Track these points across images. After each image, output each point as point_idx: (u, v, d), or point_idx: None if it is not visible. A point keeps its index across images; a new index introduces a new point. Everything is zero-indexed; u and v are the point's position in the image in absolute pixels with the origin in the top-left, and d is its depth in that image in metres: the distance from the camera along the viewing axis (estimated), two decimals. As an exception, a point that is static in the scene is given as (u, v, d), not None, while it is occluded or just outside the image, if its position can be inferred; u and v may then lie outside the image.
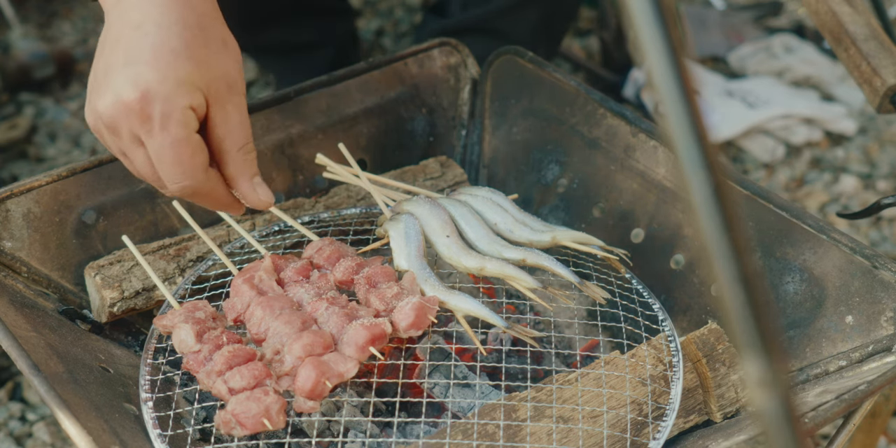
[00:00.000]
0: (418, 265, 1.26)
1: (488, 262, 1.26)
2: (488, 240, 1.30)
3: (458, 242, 1.29)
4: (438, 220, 1.30)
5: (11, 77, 2.80)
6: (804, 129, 2.64)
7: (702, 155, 0.60)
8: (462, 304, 1.22)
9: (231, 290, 1.26)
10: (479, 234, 1.31)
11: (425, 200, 1.34)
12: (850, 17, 1.45)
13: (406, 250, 1.27)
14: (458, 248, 1.28)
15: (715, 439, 1.18)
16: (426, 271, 1.26)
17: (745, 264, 0.61)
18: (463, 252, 1.28)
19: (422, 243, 1.29)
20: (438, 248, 1.29)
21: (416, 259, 1.27)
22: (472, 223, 1.32)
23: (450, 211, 1.33)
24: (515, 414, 1.16)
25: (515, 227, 1.33)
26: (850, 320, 1.28)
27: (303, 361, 1.13)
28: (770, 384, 0.63)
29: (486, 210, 1.35)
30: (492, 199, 1.37)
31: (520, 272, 1.25)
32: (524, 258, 1.27)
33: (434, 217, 1.31)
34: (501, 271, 1.25)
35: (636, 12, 0.59)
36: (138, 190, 1.47)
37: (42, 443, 1.91)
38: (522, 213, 1.37)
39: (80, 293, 1.40)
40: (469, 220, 1.32)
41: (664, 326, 1.31)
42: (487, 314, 1.21)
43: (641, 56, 0.60)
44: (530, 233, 1.32)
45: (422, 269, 1.26)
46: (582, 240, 1.32)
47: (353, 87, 1.62)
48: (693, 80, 0.60)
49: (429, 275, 1.25)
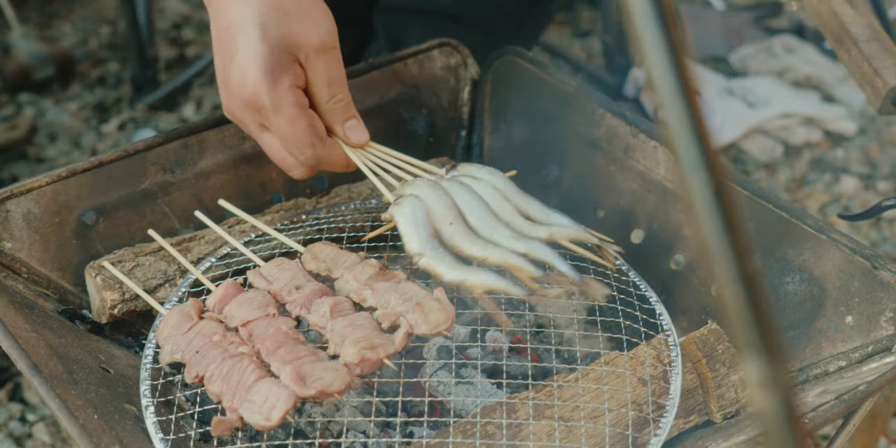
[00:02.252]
0: (430, 246, 1.25)
1: (491, 251, 1.25)
2: (491, 228, 1.29)
3: (462, 230, 1.27)
4: (442, 206, 1.29)
5: (11, 77, 2.80)
6: (803, 130, 2.64)
7: (702, 155, 0.60)
8: (481, 280, 1.21)
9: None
10: (481, 221, 1.29)
11: (427, 184, 1.32)
12: (851, 18, 1.45)
13: (416, 233, 1.26)
14: (463, 235, 1.27)
15: (715, 440, 1.18)
16: (440, 251, 1.24)
17: (745, 265, 0.61)
18: (467, 240, 1.26)
19: (430, 225, 1.27)
20: (442, 236, 1.28)
21: (428, 240, 1.25)
22: (475, 210, 1.30)
23: (453, 196, 1.32)
24: (516, 414, 1.16)
25: (514, 219, 1.32)
26: (850, 321, 1.28)
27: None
28: (770, 384, 0.63)
29: (488, 196, 1.33)
30: (493, 185, 1.35)
31: (522, 261, 1.24)
32: (527, 251, 1.26)
33: (437, 202, 1.29)
34: (504, 261, 1.24)
35: (637, 12, 0.59)
36: (138, 190, 1.47)
37: (42, 443, 1.91)
38: (522, 196, 1.35)
39: (80, 294, 1.40)
40: (471, 208, 1.30)
41: (661, 321, 1.31)
42: (507, 286, 1.20)
43: (641, 56, 0.60)
44: (528, 228, 1.31)
45: (435, 250, 1.25)
46: (578, 239, 1.32)
47: (353, 88, 1.62)
48: (693, 80, 0.60)
49: (444, 254, 1.24)
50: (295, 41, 1.26)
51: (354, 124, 1.35)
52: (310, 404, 1.25)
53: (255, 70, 1.24)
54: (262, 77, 1.23)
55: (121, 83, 2.93)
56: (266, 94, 1.24)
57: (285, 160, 1.33)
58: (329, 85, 1.30)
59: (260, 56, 1.23)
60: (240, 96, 1.26)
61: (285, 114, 1.26)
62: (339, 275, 1.29)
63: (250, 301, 1.25)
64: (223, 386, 1.14)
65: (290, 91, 1.25)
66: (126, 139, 2.73)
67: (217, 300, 1.27)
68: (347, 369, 1.14)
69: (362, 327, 1.19)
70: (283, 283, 1.28)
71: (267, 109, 1.25)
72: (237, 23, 1.25)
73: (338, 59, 1.31)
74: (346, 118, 1.34)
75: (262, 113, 1.27)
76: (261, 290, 1.28)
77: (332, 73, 1.30)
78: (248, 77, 1.24)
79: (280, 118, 1.26)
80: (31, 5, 3.19)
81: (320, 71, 1.29)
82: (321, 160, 1.32)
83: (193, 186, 1.51)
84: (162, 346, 1.23)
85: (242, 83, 1.25)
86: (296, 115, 1.26)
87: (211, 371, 1.16)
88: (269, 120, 1.27)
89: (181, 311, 1.25)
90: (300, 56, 1.27)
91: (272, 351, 1.17)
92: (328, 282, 1.30)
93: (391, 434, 1.25)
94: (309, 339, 1.23)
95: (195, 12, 3.22)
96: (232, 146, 1.53)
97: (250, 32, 1.24)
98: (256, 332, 1.21)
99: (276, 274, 1.30)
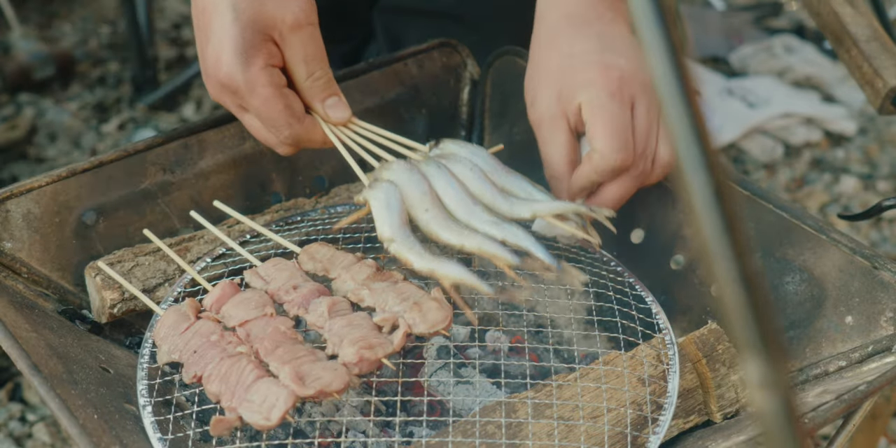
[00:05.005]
0: (402, 233, 1.24)
1: (467, 239, 1.24)
2: (468, 212, 1.27)
3: (438, 216, 1.26)
4: (418, 192, 1.27)
5: (11, 77, 2.80)
6: (803, 130, 2.64)
7: (702, 155, 0.60)
8: (450, 272, 1.20)
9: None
10: (458, 205, 1.28)
11: (405, 168, 1.30)
12: (851, 18, 1.45)
13: (389, 219, 1.25)
14: (439, 222, 1.25)
15: (715, 440, 1.18)
16: (411, 239, 1.24)
17: (745, 265, 0.61)
18: (443, 227, 1.25)
19: (404, 211, 1.26)
20: (418, 223, 1.27)
21: (400, 227, 1.25)
22: (452, 194, 1.29)
23: (430, 179, 1.30)
24: (515, 414, 1.16)
25: (495, 200, 1.30)
26: (850, 321, 1.28)
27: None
28: (770, 384, 0.63)
29: (468, 177, 1.31)
30: (474, 164, 1.33)
31: (499, 249, 1.23)
32: (504, 238, 1.24)
33: (414, 188, 1.28)
34: (480, 248, 1.23)
35: (636, 12, 0.59)
36: (138, 190, 1.47)
37: (42, 443, 1.91)
38: (505, 174, 1.33)
39: (79, 294, 1.40)
40: (448, 191, 1.29)
41: (658, 320, 1.31)
42: (476, 281, 1.19)
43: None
44: (509, 208, 1.29)
45: (406, 238, 1.24)
46: (563, 210, 1.29)
47: (353, 88, 1.62)
48: (693, 80, 0.60)
49: (413, 243, 1.24)
50: (268, 20, 1.25)
51: (335, 102, 1.34)
52: (309, 404, 1.25)
53: (228, 51, 1.24)
54: (234, 58, 1.24)
55: (121, 83, 2.94)
56: (240, 74, 1.24)
57: (267, 139, 1.34)
58: (306, 62, 1.29)
59: (231, 37, 1.24)
60: (215, 78, 1.26)
61: (259, 94, 1.26)
62: (336, 275, 1.29)
63: (247, 301, 1.25)
64: (222, 385, 1.14)
65: (263, 71, 1.25)
66: (126, 139, 2.73)
67: (214, 300, 1.26)
68: (346, 369, 1.14)
69: (360, 327, 1.19)
70: (281, 283, 1.28)
71: (242, 90, 1.26)
72: (212, 5, 1.26)
73: (315, 37, 1.30)
74: (326, 96, 1.33)
75: (238, 94, 1.27)
76: (258, 290, 1.28)
77: (308, 50, 1.29)
78: (222, 59, 1.24)
79: (255, 99, 1.26)
80: (31, 5, 3.19)
81: (296, 49, 1.28)
82: (300, 139, 1.32)
83: (193, 186, 1.51)
84: (159, 346, 1.23)
85: (217, 65, 1.25)
86: (270, 94, 1.26)
87: (209, 371, 1.16)
88: (245, 100, 1.28)
89: (178, 310, 1.25)
90: (274, 35, 1.26)
91: (270, 351, 1.17)
92: (325, 282, 1.30)
93: (391, 434, 1.25)
94: (307, 338, 1.23)
95: (195, 12, 3.21)
96: (232, 146, 1.53)
97: (224, 14, 1.24)
98: (254, 331, 1.21)
99: (274, 274, 1.30)
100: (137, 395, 1.21)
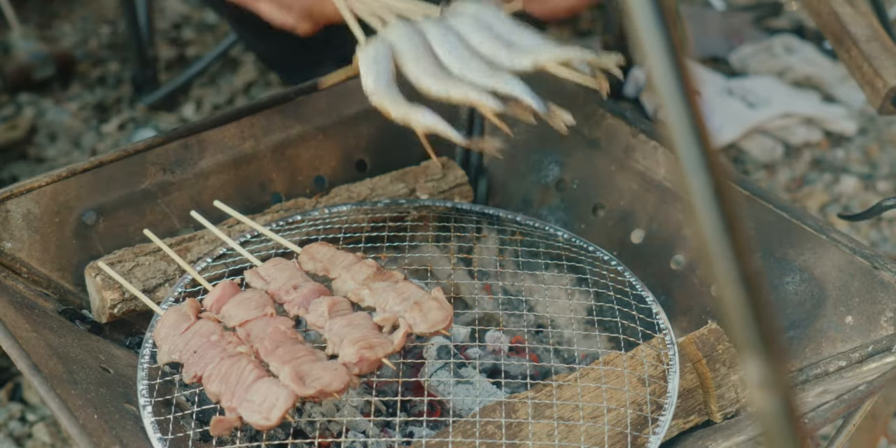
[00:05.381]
0: (385, 83, 1.27)
1: (453, 87, 1.25)
2: (463, 63, 1.28)
3: (428, 67, 1.28)
4: (410, 45, 1.30)
5: (11, 77, 2.80)
6: (803, 130, 2.64)
7: (702, 155, 0.60)
8: (422, 119, 1.23)
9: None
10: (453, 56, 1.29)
11: (402, 24, 1.33)
12: (851, 18, 1.45)
13: (375, 72, 1.28)
14: (428, 72, 1.27)
15: (715, 440, 1.18)
16: (392, 89, 1.27)
17: (745, 265, 0.61)
18: (431, 77, 1.27)
19: (391, 66, 1.29)
20: (408, 76, 1.29)
21: (384, 80, 1.27)
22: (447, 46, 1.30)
23: (427, 34, 1.32)
24: (515, 414, 1.16)
25: (496, 51, 1.30)
26: (850, 321, 1.28)
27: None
28: (770, 384, 0.63)
29: (470, 32, 1.32)
30: (478, 18, 1.33)
31: (484, 96, 1.24)
32: (495, 87, 1.25)
33: (406, 41, 1.31)
34: (465, 96, 1.24)
35: (637, 13, 0.59)
36: (138, 190, 1.47)
37: (42, 443, 1.91)
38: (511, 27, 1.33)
39: (79, 294, 1.40)
40: (443, 43, 1.30)
41: (658, 320, 1.31)
42: (446, 128, 1.23)
43: (641, 56, 0.60)
44: (509, 58, 1.29)
45: (388, 88, 1.27)
46: (566, 57, 1.27)
47: (354, 88, 1.62)
48: (693, 80, 0.60)
49: (396, 92, 1.26)
50: None
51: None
52: (310, 404, 1.25)
53: None
54: None
55: (121, 83, 2.93)
56: None
57: (284, 21, 1.44)
58: None
59: None
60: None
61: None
62: (336, 275, 1.29)
63: (248, 301, 1.25)
64: (222, 385, 1.14)
65: None
66: (126, 139, 2.73)
67: (214, 300, 1.26)
68: (346, 369, 1.14)
69: (361, 327, 1.19)
70: (281, 283, 1.28)
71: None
72: None
73: None
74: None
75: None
76: (258, 290, 1.28)
77: None
78: None
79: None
80: (31, 5, 3.19)
81: None
82: (312, 11, 1.43)
83: (193, 186, 1.51)
84: (159, 346, 1.23)
85: None
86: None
87: (209, 371, 1.16)
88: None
89: (178, 310, 1.25)
90: None
91: (271, 350, 1.17)
92: (325, 282, 1.30)
93: (391, 434, 1.25)
94: (307, 338, 1.23)
95: (195, 12, 3.21)
96: (232, 146, 1.53)
97: None
98: (254, 331, 1.21)
99: (274, 274, 1.30)
100: (137, 395, 1.21)
